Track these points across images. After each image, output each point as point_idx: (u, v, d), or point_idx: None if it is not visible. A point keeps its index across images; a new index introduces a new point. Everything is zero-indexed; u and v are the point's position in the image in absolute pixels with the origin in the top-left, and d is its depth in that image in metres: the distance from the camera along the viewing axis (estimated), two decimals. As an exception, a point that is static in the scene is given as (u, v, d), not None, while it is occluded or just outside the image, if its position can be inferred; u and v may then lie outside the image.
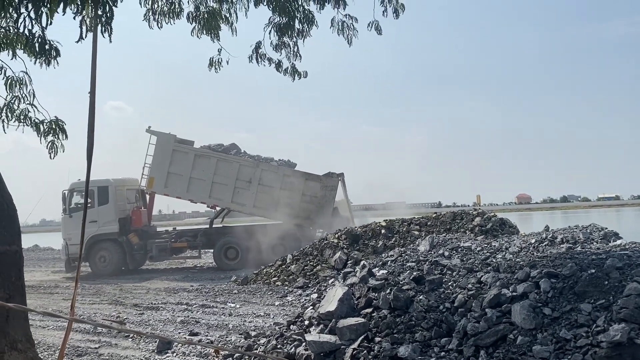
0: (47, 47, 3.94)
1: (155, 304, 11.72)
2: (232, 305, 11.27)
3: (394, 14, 6.92)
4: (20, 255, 3.65)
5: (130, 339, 8.71)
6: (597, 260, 5.75)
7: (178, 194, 18.53)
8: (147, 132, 18.48)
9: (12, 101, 5.27)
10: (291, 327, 6.85)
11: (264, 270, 14.52)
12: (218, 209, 19.19)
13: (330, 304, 6.41)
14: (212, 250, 18.94)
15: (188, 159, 18.28)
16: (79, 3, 3.27)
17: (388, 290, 6.34)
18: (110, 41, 3.31)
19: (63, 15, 3.58)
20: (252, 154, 19.11)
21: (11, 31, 4.14)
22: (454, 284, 6.41)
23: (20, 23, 3.33)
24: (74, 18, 3.27)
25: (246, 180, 18.06)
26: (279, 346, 6.41)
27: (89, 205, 17.91)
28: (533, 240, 9.17)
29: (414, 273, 6.81)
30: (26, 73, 5.24)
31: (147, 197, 19.58)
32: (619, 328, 4.45)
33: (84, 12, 3.25)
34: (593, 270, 5.41)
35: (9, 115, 5.27)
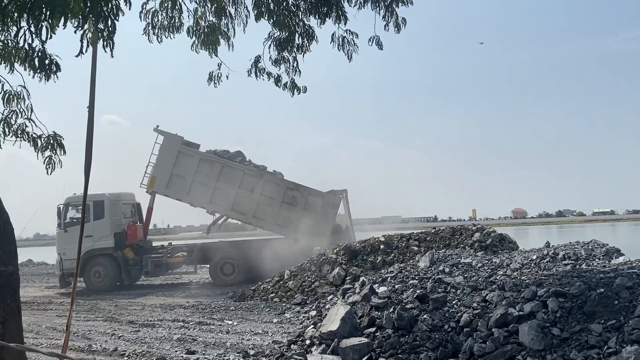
0: (47, 61, 3.84)
1: (151, 320, 11.52)
2: (230, 322, 11.09)
3: (395, 29, 6.89)
4: (16, 277, 3.52)
5: (126, 357, 8.54)
6: (605, 279, 5.65)
7: (179, 196, 18.32)
8: (154, 131, 18.38)
9: (10, 116, 5.16)
10: (292, 346, 6.71)
11: (261, 286, 14.34)
12: (217, 215, 18.98)
13: (332, 323, 6.28)
14: (208, 266, 18.73)
15: (192, 162, 18.10)
16: (81, 17, 3.18)
17: (391, 309, 6.22)
18: (112, 56, 3.24)
19: (64, 29, 3.49)
20: (257, 164, 18.98)
21: (10, 45, 4.06)
22: (459, 303, 6.29)
23: (20, 37, 3.25)
24: (75, 32, 3.19)
25: (248, 190, 17.89)
26: (279, 367, 6.27)
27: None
28: (534, 257, 9.08)
29: (418, 291, 6.69)
30: (24, 87, 5.15)
31: (144, 211, 19.43)
32: (632, 350, 4.34)
33: (86, 26, 3.18)
34: (602, 290, 5.31)
35: (6, 130, 5.16)
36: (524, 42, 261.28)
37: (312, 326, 7.02)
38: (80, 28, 3.22)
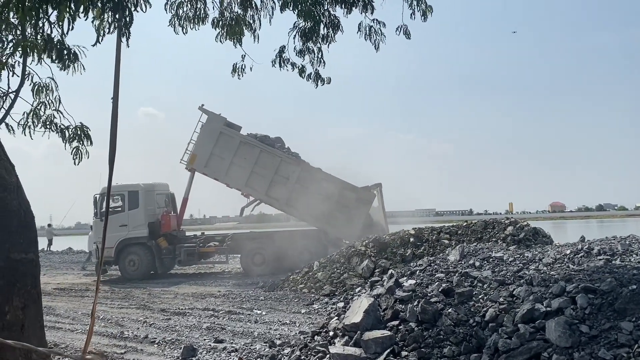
0: (65, 51, 3.91)
1: (182, 309, 11.74)
2: (259, 312, 11.19)
3: (422, 17, 6.74)
4: (36, 264, 3.60)
5: (155, 345, 8.71)
6: (638, 275, 5.44)
7: (216, 175, 18.58)
8: (199, 110, 18.71)
9: (38, 107, 5.28)
10: (315, 337, 6.70)
11: (291, 277, 14.42)
12: (251, 198, 19.13)
13: (355, 315, 6.25)
14: (239, 256, 18.93)
15: (233, 144, 18.34)
16: (100, 6, 3.22)
17: (416, 303, 6.14)
18: (128, 46, 3.28)
19: (85, 20, 3.54)
20: (295, 152, 19.03)
21: (31, 36, 4.14)
22: (485, 297, 6.15)
23: (40, 28, 3.31)
24: (92, 22, 3.22)
25: (284, 177, 18.00)
26: (302, 357, 6.28)
27: (119, 209, 18.17)
28: (568, 251, 8.79)
29: (443, 285, 6.58)
30: (52, 79, 5.25)
31: (179, 201, 19.75)
32: (663, 350, 4.16)
33: (103, 16, 3.21)
34: (634, 287, 5.10)
35: (35, 121, 5.28)
36: (561, 34, 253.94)
37: (336, 318, 7.00)
38: (96, 18, 3.27)
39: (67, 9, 3.17)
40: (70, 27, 3.51)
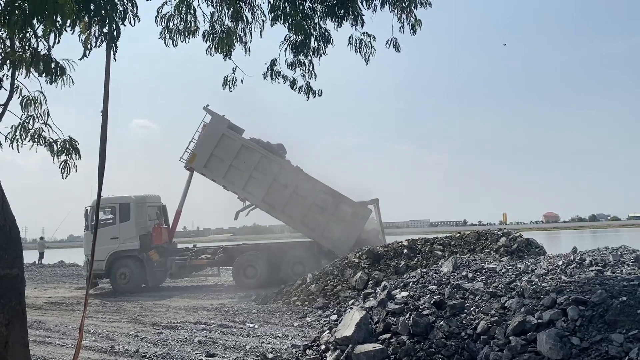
0: (52, 65, 3.89)
1: (174, 322, 11.62)
2: (251, 325, 11.10)
3: (411, 30, 6.79)
4: (21, 279, 3.55)
5: (146, 359, 8.61)
6: (629, 287, 5.44)
7: (214, 176, 18.39)
8: (203, 110, 18.57)
9: (27, 120, 5.24)
10: (307, 351, 6.65)
11: (284, 289, 14.33)
12: (247, 203, 18.99)
13: (347, 328, 6.21)
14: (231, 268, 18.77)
15: (234, 147, 18.17)
16: (87, 20, 3.21)
17: (407, 315, 6.12)
18: (115, 59, 3.26)
19: (72, 33, 3.53)
20: (297, 167, 18.92)
21: (18, 50, 4.12)
22: (477, 310, 6.14)
23: (25, 41, 3.30)
24: (79, 36, 3.22)
25: (283, 184, 17.88)
26: (294, 372, 6.22)
27: (110, 221, 18.05)
28: (560, 263, 8.82)
29: (435, 297, 6.57)
30: (41, 92, 5.22)
31: (171, 213, 19.62)
32: (654, 362, 4.15)
33: (89, 30, 3.20)
34: (625, 298, 5.11)
35: (23, 134, 5.24)
36: (552, 43, 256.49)
37: (328, 331, 6.95)
38: (83, 32, 3.26)
39: (53, 23, 3.16)
40: (57, 41, 3.50)
